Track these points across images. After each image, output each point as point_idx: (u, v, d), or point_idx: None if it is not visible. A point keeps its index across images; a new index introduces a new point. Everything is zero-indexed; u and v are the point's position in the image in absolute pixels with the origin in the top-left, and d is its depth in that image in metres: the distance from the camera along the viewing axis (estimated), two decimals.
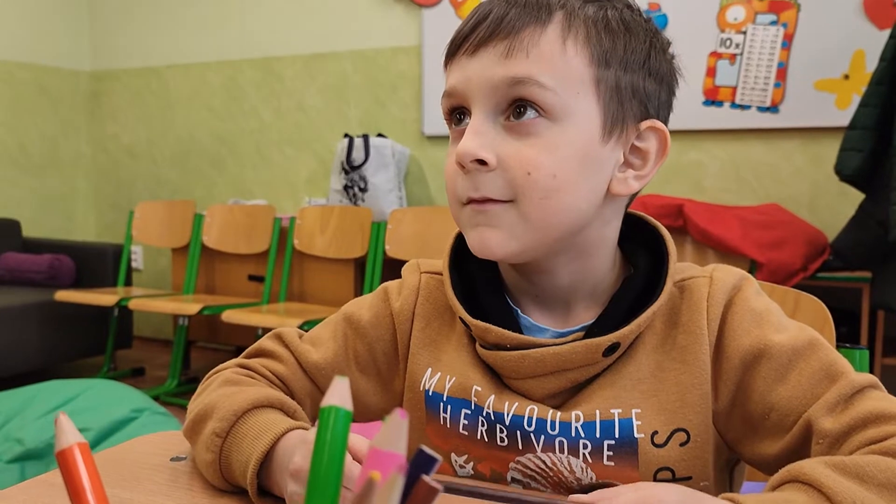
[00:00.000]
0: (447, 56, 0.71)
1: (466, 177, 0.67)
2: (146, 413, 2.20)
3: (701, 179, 3.13)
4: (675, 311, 0.70)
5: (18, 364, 3.33)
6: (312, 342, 0.80)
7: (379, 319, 0.80)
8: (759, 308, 0.69)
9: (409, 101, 3.66)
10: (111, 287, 3.68)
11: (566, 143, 0.65)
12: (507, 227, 0.66)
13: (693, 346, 0.68)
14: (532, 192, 0.65)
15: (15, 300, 3.37)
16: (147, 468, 0.71)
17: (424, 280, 0.80)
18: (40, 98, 4.27)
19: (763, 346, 0.66)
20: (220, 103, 4.14)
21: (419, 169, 3.65)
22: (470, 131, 0.66)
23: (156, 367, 3.85)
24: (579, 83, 0.66)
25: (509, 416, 0.70)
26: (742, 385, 0.68)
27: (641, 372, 0.69)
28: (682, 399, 0.68)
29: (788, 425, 0.65)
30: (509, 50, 0.65)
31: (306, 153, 3.93)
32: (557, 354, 0.67)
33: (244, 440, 0.66)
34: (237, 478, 0.66)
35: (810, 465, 0.56)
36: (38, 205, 4.28)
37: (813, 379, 0.65)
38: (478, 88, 0.66)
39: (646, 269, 0.71)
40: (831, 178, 2.66)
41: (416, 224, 3.17)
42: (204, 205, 3.91)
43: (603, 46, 0.66)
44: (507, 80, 0.65)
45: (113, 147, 4.48)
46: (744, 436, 0.68)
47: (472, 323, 0.71)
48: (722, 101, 3.08)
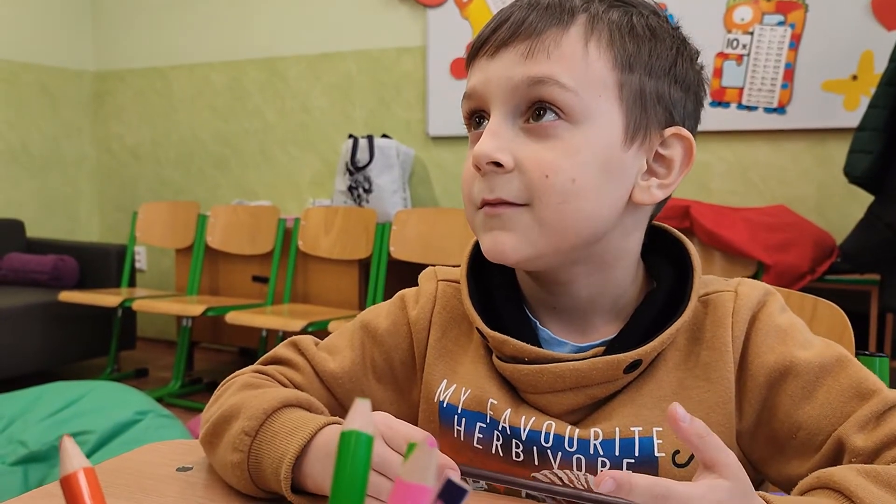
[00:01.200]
0: (468, 59, 0.70)
1: (482, 179, 0.65)
2: (150, 415, 2.19)
3: (708, 181, 3.11)
4: (698, 326, 0.68)
5: (22, 365, 3.32)
6: (329, 350, 0.79)
7: (396, 328, 0.78)
8: (784, 324, 0.67)
9: (414, 102, 3.65)
10: (115, 288, 3.67)
11: (586, 147, 0.64)
12: (521, 231, 0.64)
13: (717, 363, 0.66)
14: (549, 195, 0.63)
15: (19, 301, 3.36)
16: (153, 479, 0.69)
17: (441, 288, 0.78)
18: (44, 98, 4.26)
19: (789, 364, 0.65)
20: (224, 104, 4.13)
21: (424, 170, 3.63)
22: (488, 133, 0.65)
23: (159, 368, 3.84)
24: (601, 86, 0.64)
25: (526, 431, 0.68)
26: (767, 404, 0.66)
27: (663, 389, 0.67)
28: (706, 418, 0.65)
29: (817, 445, 0.63)
30: (530, 51, 0.64)
31: (311, 154, 3.92)
32: (577, 370, 0.65)
33: (276, 437, 0.64)
34: (267, 477, 0.63)
35: (841, 471, 0.55)
36: (41, 205, 4.27)
37: (843, 397, 0.63)
38: (497, 89, 0.65)
39: (669, 283, 0.69)
40: (839, 180, 2.64)
41: (420, 225, 3.16)
42: (208, 205, 3.90)
43: (627, 51, 0.65)
44: (527, 80, 0.63)
45: (117, 147, 4.47)
46: (770, 456, 0.66)
47: (490, 334, 0.69)
48: (729, 102, 3.06)
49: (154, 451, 0.76)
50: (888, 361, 0.81)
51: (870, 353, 0.81)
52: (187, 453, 0.76)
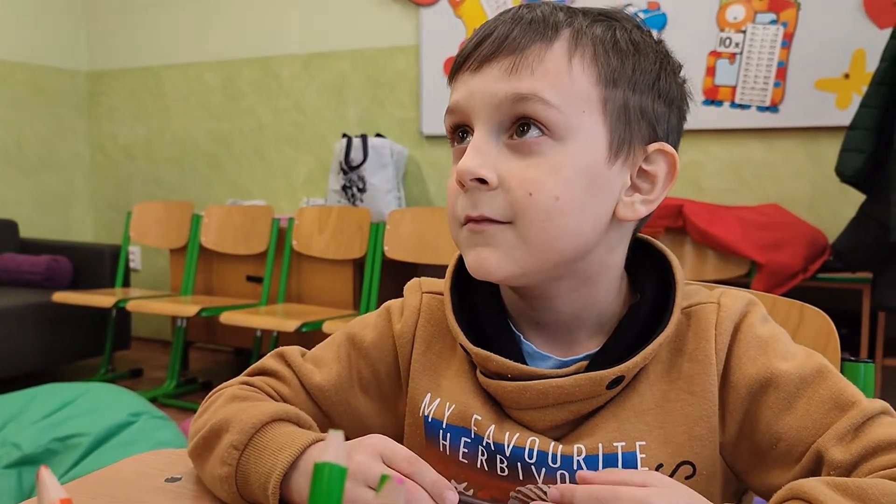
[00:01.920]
0: (452, 73, 0.69)
1: (466, 196, 0.65)
2: (144, 417, 2.18)
3: (700, 179, 3.12)
4: (681, 338, 0.68)
5: (16, 366, 3.32)
6: (315, 362, 0.79)
7: (382, 341, 0.78)
8: (765, 335, 0.67)
9: (408, 101, 3.65)
10: (109, 288, 3.66)
11: (570, 164, 0.63)
12: (505, 248, 0.64)
13: (700, 375, 0.67)
14: (533, 213, 0.63)
15: (12, 301, 3.36)
16: (140, 489, 0.69)
17: (426, 300, 0.78)
18: (37, 98, 4.25)
19: (770, 375, 0.65)
20: (217, 103, 4.12)
21: (418, 169, 3.63)
22: (471, 149, 0.64)
23: (154, 368, 3.84)
24: (585, 102, 0.64)
25: (510, 447, 0.68)
26: (749, 415, 0.66)
27: (646, 403, 0.67)
28: (690, 432, 0.66)
29: (797, 456, 0.63)
30: (514, 66, 0.64)
31: (304, 153, 3.92)
32: (560, 387, 0.65)
33: (264, 452, 0.64)
34: (254, 491, 0.64)
35: (811, 483, 0.55)
36: (35, 205, 4.26)
37: (822, 408, 0.63)
38: (481, 104, 0.65)
39: (652, 296, 0.69)
40: (831, 179, 2.65)
41: (414, 224, 3.16)
42: (202, 205, 3.90)
43: (611, 66, 0.65)
44: (511, 96, 0.63)
45: (110, 147, 4.46)
46: (752, 467, 0.67)
47: (474, 351, 0.69)
48: (721, 101, 3.06)
49: (142, 461, 0.76)
50: (874, 368, 0.81)
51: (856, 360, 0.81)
52: (176, 463, 0.76)
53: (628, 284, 0.72)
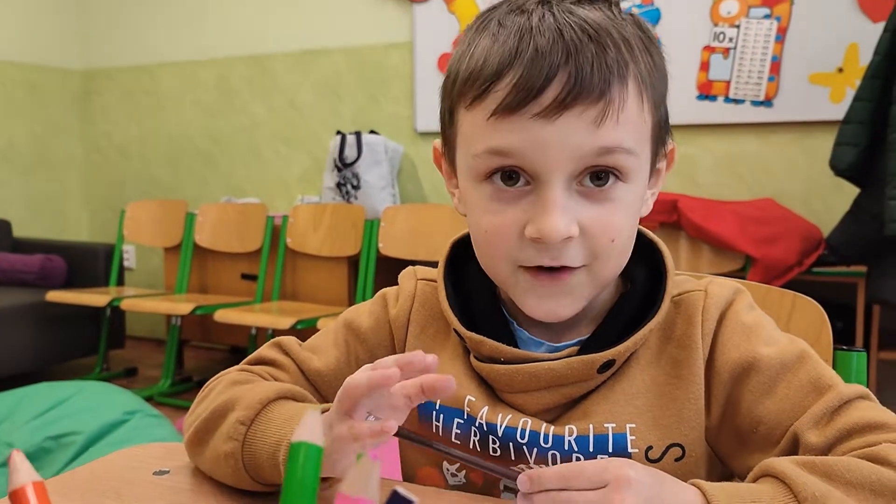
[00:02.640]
0: (496, 110, 0.61)
1: (536, 246, 0.63)
2: (138, 415, 2.18)
3: (695, 174, 3.12)
4: (669, 325, 0.70)
5: (10, 366, 3.30)
6: (313, 350, 0.80)
7: (378, 325, 0.79)
8: (750, 321, 0.68)
9: (402, 98, 3.64)
10: (103, 287, 3.65)
11: (635, 200, 0.65)
12: (577, 291, 0.66)
13: (688, 360, 0.68)
14: (612, 256, 0.65)
15: (6, 301, 3.34)
16: (128, 483, 0.69)
17: (420, 287, 0.79)
18: (31, 97, 4.23)
19: (751, 360, 0.66)
20: (211, 101, 4.11)
21: (412, 166, 3.62)
22: (554, 208, 0.61)
23: (149, 367, 3.83)
24: (646, 137, 0.65)
25: (502, 427, 0.69)
26: (731, 399, 0.67)
27: (636, 387, 0.68)
28: (678, 414, 0.67)
29: (776, 439, 0.64)
30: (602, 117, 0.60)
31: (299, 151, 3.91)
32: (552, 370, 0.66)
33: (272, 425, 0.65)
34: (262, 464, 0.64)
35: (780, 461, 0.57)
36: (29, 204, 4.25)
37: (801, 392, 0.64)
38: (558, 158, 0.61)
39: (642, 284, 0.71)
40: (826, 173, 2.65)
41: (409, 221, 3.15)
42: (196, 203, 3.88)
43: (657, 90, 0.65)
44: (597, 150, 0.61)
45: (104, 146, 4.45)
46: (734, 450, 0.68)
47: (467, 335, 0.70)
48: (715, 96, 3.06)
49: (130, 455, 0.76)
50: (866, 357, 0.81)
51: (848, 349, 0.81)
52: (164, 457, 0.75)
53: None
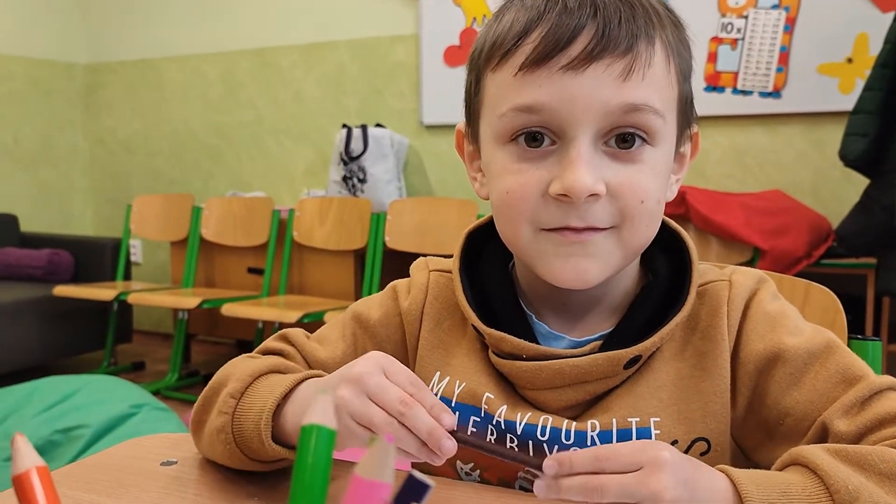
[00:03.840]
0: (524, 63, 0.60)
1: (565, 205, 0.61)
2: (145, 409, 2.18)
3: (703, 166, 3.10)
4: (693, 316, 0.68)
5: (18, 360, 3.31)
6: (320, 341, 0.78)
7: (388, 319, 0.77)
8: (774, 311, 0.67)
9: (408, 91, 3.63)
10: (110, 281, 3.65)
11: (664, 167, 0.64)
12: (605, 256, 0.63)
13: (713, 352, 0.66)
14: (640, 219, 0.63)
15: (13, 296, 3.35)
16: (134, 473, 0.68)
17: (433, 278, 0.77)
18: (35, 92, 4.23)
19: (777, 350, 0.64)
20: (216, 95, 4.10)
21: (418, 159, 3.61)
22: (581, 162, 0.60)
23: (156, 361, 3.83)
24: (673, 103, 0.64)
25: (521, 425, 0.67)
26: (757, 391, 0.65)
27: (660, 380, 0.66)
28: (704, 408, 0.66)
29: (803, 430, 0.62)
30: (629, 71, 0.59)
31: (304, 144, 3.90)
32: (577, 367, 0.65)
33: (258, 395, 0.64)
34: (249, 435, 0.63)
35: (811, 448, 0.55)
36: (35, 199, 4.25)
37: (829, 382, 0.62)
38: (586, 112, 0.60)
39: (666, 275, 0.69)
40: (835, 164, 2.63)
41: (415, 215, 3.15)
42: (202, 198, 3.88)
43: (684, 60, 0.65)
44: (624, 106, 0.60)
45: (109, 140, 4.45)
46: (759, 443, 0.66)
47: (487, 332, 0.68)
48: (723, 87, 3.04)
49: (138, 445, 0.75)
50: (881, 346, 0.80)
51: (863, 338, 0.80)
52: (172, 448, 0.75)
53: (639, 262, 0.72)
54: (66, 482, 0.66)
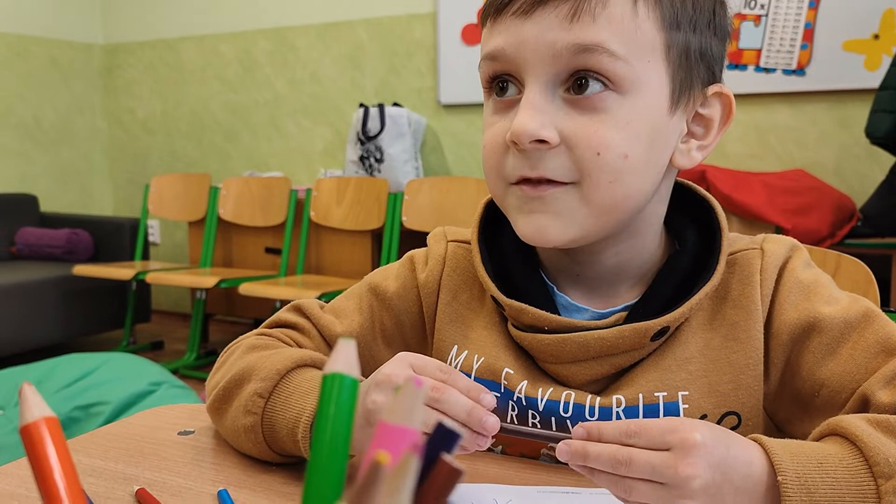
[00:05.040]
0: (490, 13, 0.62)
1: (520, 155, 0.60)
2: (164, 386, 2.19)
3: (724, 145, 3.05)
4: (724, 285, 0.65)
5: (38, 338, 3.34)
6: (336, 313, 0.76)
7: (406, 291, 0.75)
8: (808, 280, 0.64)
9: (425, 70, 3.60)
10: (129, 261, 3.67)
11: (637, 119, 0.59)
12: (567, 213, 0.60)
13: (745, 322, 0.64)
14: (600, 174, 0.59)
15: (34, 275, 3.37)
16: (153, 442, 0.68)
17: (451, 249, 0.75)
18: (54, 72, 4.24)
19: (812, 320, 0.62)
20: (233, 75, 4.09)
21: (435, 138, 3.59)
22: (527, 106, 0.59)
23: (175, 340, 3.85)
24: (650, 50, 0.60)
25: (543, 401, 0.65)
26: (790, 362, 0.63)
27: (689, 351, 0.64)
28: (735, 381, 0.63)
29: (840, 403, 0.60)
30: (574, 12, 0.57)
31: (321, 124, 3.88)
32: (602, 339, 0.62)
33: (291, 398, 0.62)
34: (282, 439, 0.61)
35: (850, 419, 0.52)
36: (54, 179, 4.27)
37: (868, 353, 0.60)
38: (535, 55, 0.59)
39: (693, 243, 0.66)
40: (859, 142, 2.58)
41: (432, 195, 3.13)
42: (219, 178, 3.88)
43: (674, 7, 0.60)
44: (572, 47, 0.58)
45: (128, 121, 4.46)
46: (794, 416, 0.64)
47: (507, 303, 0.66)
48: (746, 65, 2.99)
49: (155, 415, 0.75)
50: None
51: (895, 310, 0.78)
52: (189, 418, 0.74)
53: (666, 232, 0.69)
54: (83, 450, 0.65)
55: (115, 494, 0.58)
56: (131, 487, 0.58)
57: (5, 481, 0.60)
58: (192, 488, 0.59)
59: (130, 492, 0.58)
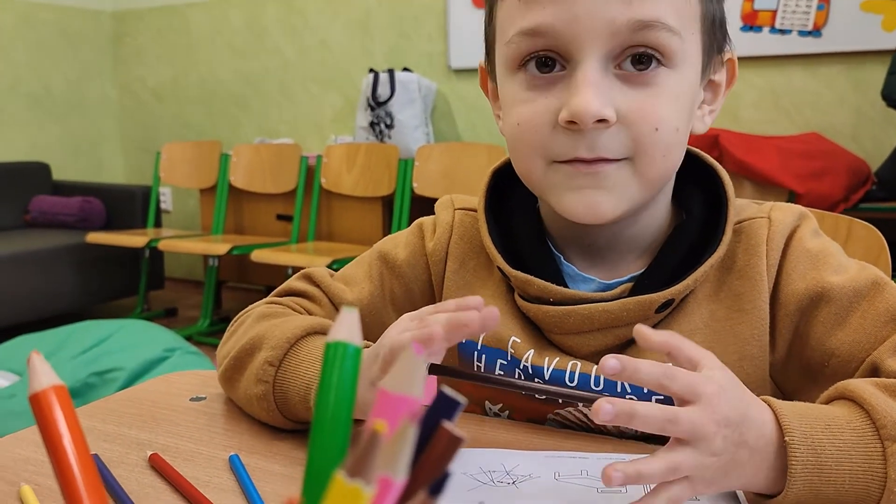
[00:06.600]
0: None
1: (574, 134, 0.58)
2: (178, 352, 2.21)
3: (737, 109, 3.02)
4: (730, 255, 0.65)
5: (54, 305, 3.37)
6: (346, 281, 0.76)
7: (415, 259, 0.75)
8: (816, 248, 0.63)
9: (435, 34, 3.56)
10: (141, 228, 3.69)
11: (684, 93, 0.59)
12: (620, 188, 0.59)
13: (751, 292, 0.63)
14: (656, 149, 0.58)
15: (48, 243, 3.40)
16: (166, 408, 0.68)
17: (458, 217, 0.74)
18: (63, 40, 4.22)
19: (820, 290, 0.61)
20: (243, 42, 4.06)
21: (446, 104, 3.56)
22: (586, 84, 0.56)
23: (188, 307, 3.89)
24: (693, 21, 0.59)
25: (549, 370, 0.65)
26: (799, 332, 0.63)
27: (694, 323, 0.64)
28: (741, 352, 0.63)
29: (850, 372, 0.60)
30: None
31: (331, 90, 3.86)
32: (607, 311, 0.62)
33: (301, 365, 0.62)
34: (294, 406, 0.62)
35: (858, 382, 0.52)
36: (66, 148, 4.28)
37: (878, 322, 0.59)
38: (591, 32, 0.56)
39: (700, 213, 0.65)
40: (876, 105, 2.54)
41: (443, 160, 3.11)
42: (230, 145, 3.88)
43: None
44: (633, 23, 0.56)
45: (138, 88, 4.45)
46: (803, 386, 0.64)
47: (513, 274, 0.66)
48: (761, 26, 2.94)
49: (167, 381, 0.75)
50: None
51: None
52: (201, 384, 0.75)
53: (672, 200, 0.68)
54: (96, 415, 0.66)
55: (129, 459, 0.58)
56: (144, 453, 0.59)
57: (21, 446, 0.61)
58: (203, 453, 0.60)
59: (144, 457, 0.58)
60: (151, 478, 0.56)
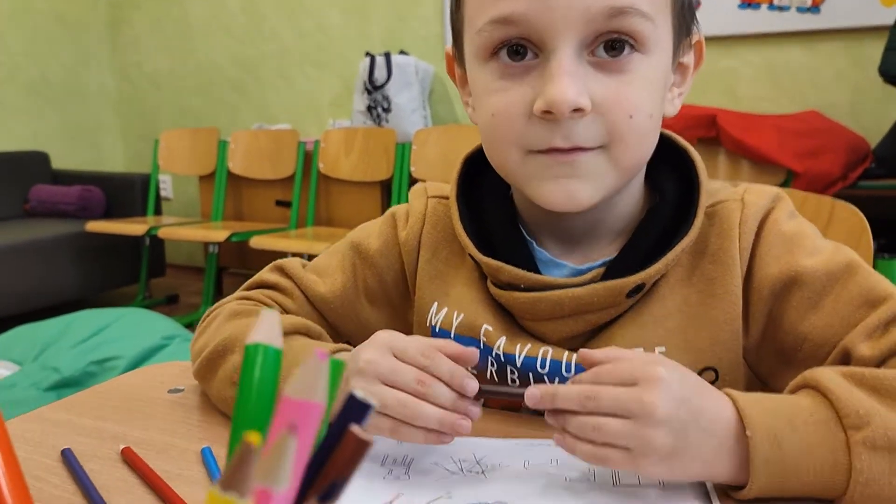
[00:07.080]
0: None
1: (549, 123, 0.58)
2: (177, 340, 2.22)
3: (735, 88, 2.99)
4: (702, 239, 0.64)
5: (55, 294, 3.38)
6: (318, 272, 0.76)
7: (388, 248, 0.75)
8: (790, 231, 0.63)
9: (432, 16, 3.54)
10: (141, 216, 3.69)
11: (656, 78, 0.59)
12: (596, 176, 0.59)
13: (724, 277, 0.63)
14: (631, 136, 0.58)
15: (47, 232, 3.40)
16: (141, 401, 0.69)
17: (431, 206, 0.74)
18: (59, 27, 4.21)
19: (794, 273, 0.61)
20: (239, 27, 4.04)
21: (443, 87, 3.54)
22: (563, 74, 0.56)
23: (189, 294, 3.90)
24: (664, 6, 0.59)
25: (521, 357, 0.65)
26: (772, 316, 0.62)
27: (666, 308, 0.63)
28: (713, 337, 0.62)
29: (823, 356, 0.59)
30: None
31: (329, 74, 3.85)
32: (576, 297, 0.62)
33: None
34: None
35: (823, 371, 0.52)
36: (65, 136, 4.28)
37: (851, 305, 0.59)
38: (565, 20, 0.55)
39: (673, 196, 0.65)
40: (875, 82, 2.52)
41: (441, 144, 3.10)
42: (228, 131, 3.87)
43: None
44: (607, 10, 0.55)
45: (136, 76, 4.43)
46: (777, 370, 0.63)
47: (484, 261, 0.65)
48: (759, 3, 2.91)
49: (145, 373, 0.76)
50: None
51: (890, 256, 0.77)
52: (179, 376, 0.75)
53: (646, 184, 0.68)
54: (73, 408, 0.67)
55: (101, 453, 0.59)
56: (118, 446, 0.59)
57: None
58: (177, 446, 0.60)
59: (117, 450, 0.59)
60: (124, 472, 0.56)
